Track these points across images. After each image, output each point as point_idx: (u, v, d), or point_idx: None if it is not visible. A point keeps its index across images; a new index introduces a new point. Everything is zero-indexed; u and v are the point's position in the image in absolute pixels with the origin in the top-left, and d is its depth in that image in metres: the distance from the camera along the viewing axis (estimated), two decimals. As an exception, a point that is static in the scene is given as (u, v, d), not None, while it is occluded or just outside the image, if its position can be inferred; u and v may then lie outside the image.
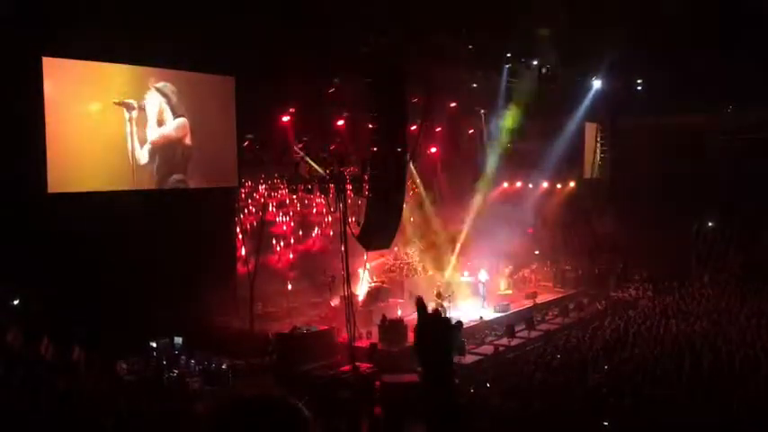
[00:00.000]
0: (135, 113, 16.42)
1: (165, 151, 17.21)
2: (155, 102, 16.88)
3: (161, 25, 14.53)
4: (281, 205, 22.68)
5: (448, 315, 4.37)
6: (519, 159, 27.61)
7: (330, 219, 22.51)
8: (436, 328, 2.88)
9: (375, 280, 22.57)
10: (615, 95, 28.53)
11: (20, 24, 13.46)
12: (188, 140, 17.60)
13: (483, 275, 23.30)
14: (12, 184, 13.84)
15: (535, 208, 28.10)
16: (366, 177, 17.68)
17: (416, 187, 24.35)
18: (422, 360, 2.91)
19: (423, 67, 19.21)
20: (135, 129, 16.50)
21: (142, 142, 16.71)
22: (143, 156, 16.79)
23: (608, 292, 25.63)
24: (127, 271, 15.58)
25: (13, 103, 13.69)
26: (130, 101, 16.32)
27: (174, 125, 17.32)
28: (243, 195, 20.90)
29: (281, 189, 21.76)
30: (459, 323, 3.82)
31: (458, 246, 24.89)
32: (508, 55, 22.73)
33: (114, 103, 16.02)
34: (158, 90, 16.93)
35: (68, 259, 14.63)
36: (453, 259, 24.70)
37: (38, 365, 12.38)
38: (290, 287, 21.44)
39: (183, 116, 17.42)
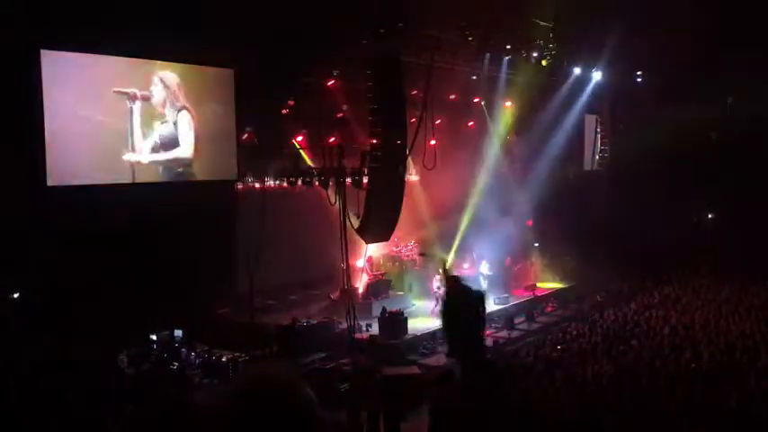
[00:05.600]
0: (138, 104, 16.38)
1: (168, 143, 17.19)
2: (157, 93, 16.85)
3: (159, 17, 14.47)
4: (280, 198, 22.62)
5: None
6: (519, 152, 27.63)
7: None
8: (466, 299, 2.90)
9: (375, 272, 22.58)
10: (615, 87, 28.48)
11: (17, 17, 13.42)
12: (191, 132, 17.58)
13: (484, 268, 23.30)
14: (11, 176, 13.83)
15: (535, 200, 28.05)
16: (365, 170, 17.66)
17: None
18: (450, 334, 2.92)
19: (422, 58, 19.16)
20: (137, 120, 16.47)
21: (144, 134, 16.68)
22: (145, 147, 16.76)
23: (607, 284, 25.62)
24: (126, 263, 15.59)
25: (11, 96, 13.66)
26: (131, 90, 16.26)
27: (176, 117, 17.30)
28: (242, 188, 20.86)
29: (280, 181, 21.72)
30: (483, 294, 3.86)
31: (457, 239, 24.91)
32: (508, 47, 22.66)
33: (114, 91, 15.95)
34: (161, 80, 16.90)
35: (67, 252, 14.62)
36: (453, 253, 24.72)
37: (39, 361, 12.41)
38: (289, 280, 21.44)
39: (184, 108, 17.39)
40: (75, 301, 14.27)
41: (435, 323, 19.92)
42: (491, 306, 21.57)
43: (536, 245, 28.12)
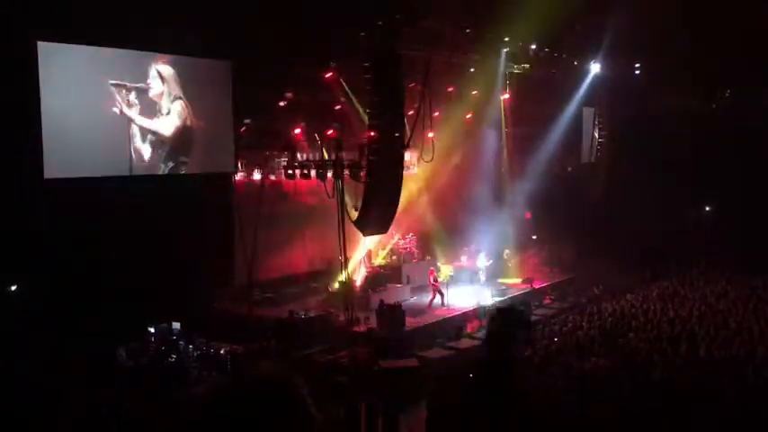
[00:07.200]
0: (134, 97, 16.31)
1: (166, 134, 17.14)
2: (155, 85, 16.79)
3: (156, 9, 14.42)
4: (277, 190, 22.59)
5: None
6: (517, 144, 27.60)
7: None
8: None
9: (373, 265, 22.58)
10: (613, 80, 28.44)
11: (14, 9, 13.35)
12: (189, 123, 17.55)
13: (482, 260, 23.33)
14: (8, 169, 13.79)
15: (533, 192, 28.06)
16: (363, 162, 17.63)
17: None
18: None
19: (420, 51, 19.12)
20: (134, 112, 16.42)
21: (142, 126, 16.62)
22: (143, 139, 16.71)
23: (605, 277, 25.64)
24: (125, 256, 15.57)
25: (8, 89, 13.59)
26: (129, 82, 16.20)
27: (174, 108, 17.25)
28: (240, 180, 20.83)
29: (278, 174, 21.69)
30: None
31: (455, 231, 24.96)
32: (506, 39, 22.61)
33: (111, 83, 15.89)
34: (159, 73, 16.83)
35: (65, 245, 14.60)
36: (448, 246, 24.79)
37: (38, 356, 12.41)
38: (287, 273, 21.43)
39: (179, 98, 17.33)
40: (73, 294, 14.25)
41: (433, 316, 19.98)
42: (488, 299, 21.59)
43: (534, 237, 28.15)
